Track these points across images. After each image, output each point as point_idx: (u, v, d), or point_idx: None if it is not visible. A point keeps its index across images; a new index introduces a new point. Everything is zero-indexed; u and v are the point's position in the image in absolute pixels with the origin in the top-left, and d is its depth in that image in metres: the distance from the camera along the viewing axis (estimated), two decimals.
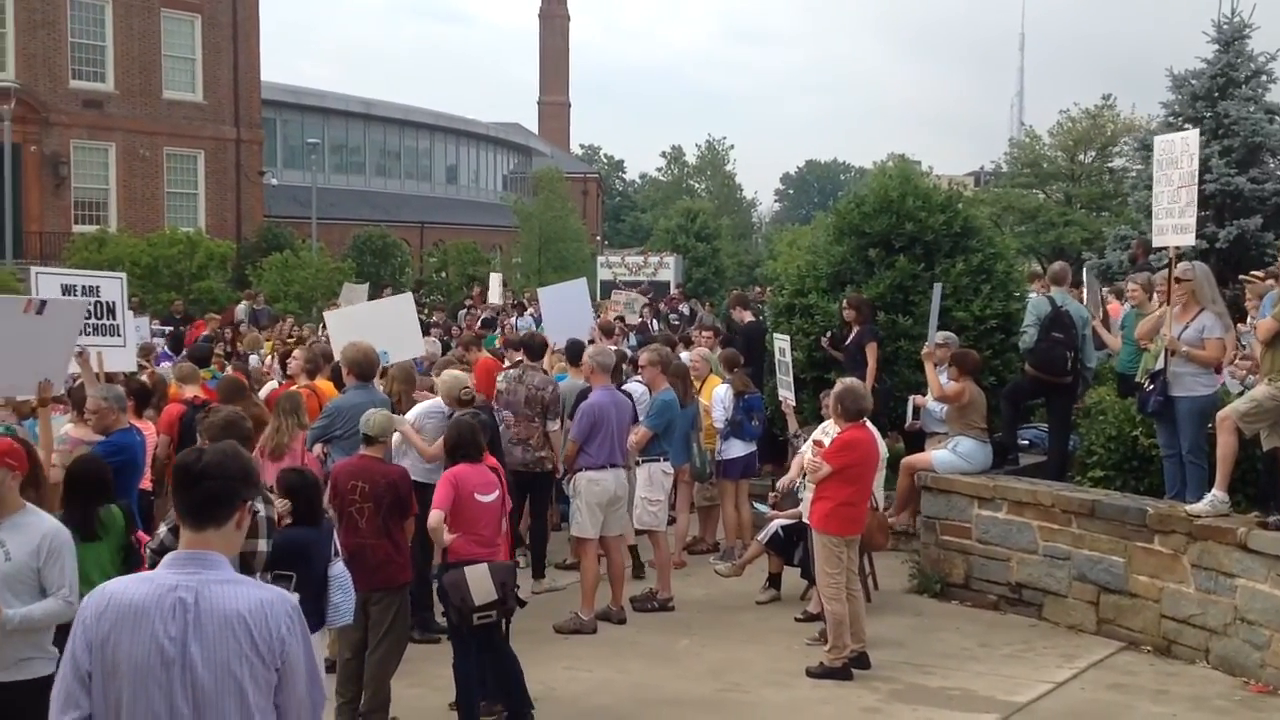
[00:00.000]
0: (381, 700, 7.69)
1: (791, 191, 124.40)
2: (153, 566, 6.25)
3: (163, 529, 6.02)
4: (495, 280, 31.73)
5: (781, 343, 12.19)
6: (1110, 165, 45.72)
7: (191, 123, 39.81)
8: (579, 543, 10.23)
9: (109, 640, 3.49)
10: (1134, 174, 23.74)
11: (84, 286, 10.55)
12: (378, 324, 11.72)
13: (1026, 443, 12.39)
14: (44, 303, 8.34)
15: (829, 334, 12.59)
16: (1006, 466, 11.26)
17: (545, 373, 11.73)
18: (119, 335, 10.60)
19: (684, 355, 12.89)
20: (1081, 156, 46.60)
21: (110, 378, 10.09)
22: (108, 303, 10.58)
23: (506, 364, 13.37)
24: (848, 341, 11.98)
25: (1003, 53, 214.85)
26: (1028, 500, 10.25)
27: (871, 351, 11.89)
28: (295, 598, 3.75)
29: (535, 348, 11.70)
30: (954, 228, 13.14)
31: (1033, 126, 52.21)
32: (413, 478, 8.44)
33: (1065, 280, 11.92)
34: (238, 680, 3.50)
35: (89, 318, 10.07)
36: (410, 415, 9.94)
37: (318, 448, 9.44)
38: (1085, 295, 13.96)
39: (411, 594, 9.78)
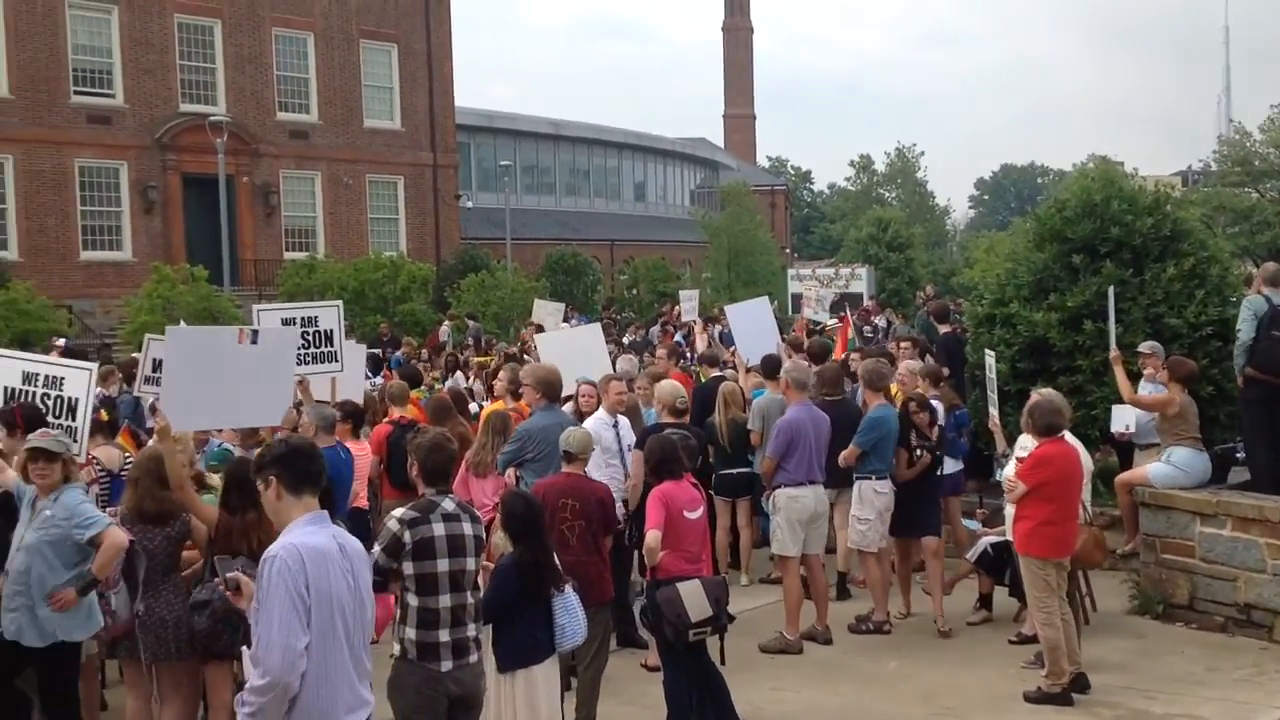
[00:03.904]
0: (593, 716, 7.76)
1: (986, 197, 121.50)
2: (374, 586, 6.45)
3: (376, 548, 6.15)
4: (692, 296, 31.77)
5: (989, 358, 11.83)
6: None
7: (390, 149, 41.16)
8: (781, 561, 10.16)
9: (319, 578, 4.66)
10: None
11: (303, 318, 10.86)
12: (579, 349, 12.03)
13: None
14: (255, 333, 8.67)
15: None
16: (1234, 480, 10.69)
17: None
18: (336, 361, 10.89)
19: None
20: None
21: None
22: (325, 331, 10.87)
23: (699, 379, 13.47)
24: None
25: (1204, 47, 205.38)
26: (1253, 516, 9.74)
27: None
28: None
29: (772, 364, 11.82)
30: (1163, 231, 12.59)
31: (1241, 123, 49.58)
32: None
33: None
34: (370, 595, 4.98)
35: (307, 347, 10.39)
36: (588, 424, 9.93)
37: (510, 471, 9.57)
38: None
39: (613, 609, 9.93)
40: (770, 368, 12.26)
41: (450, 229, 43.15)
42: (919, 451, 10.45)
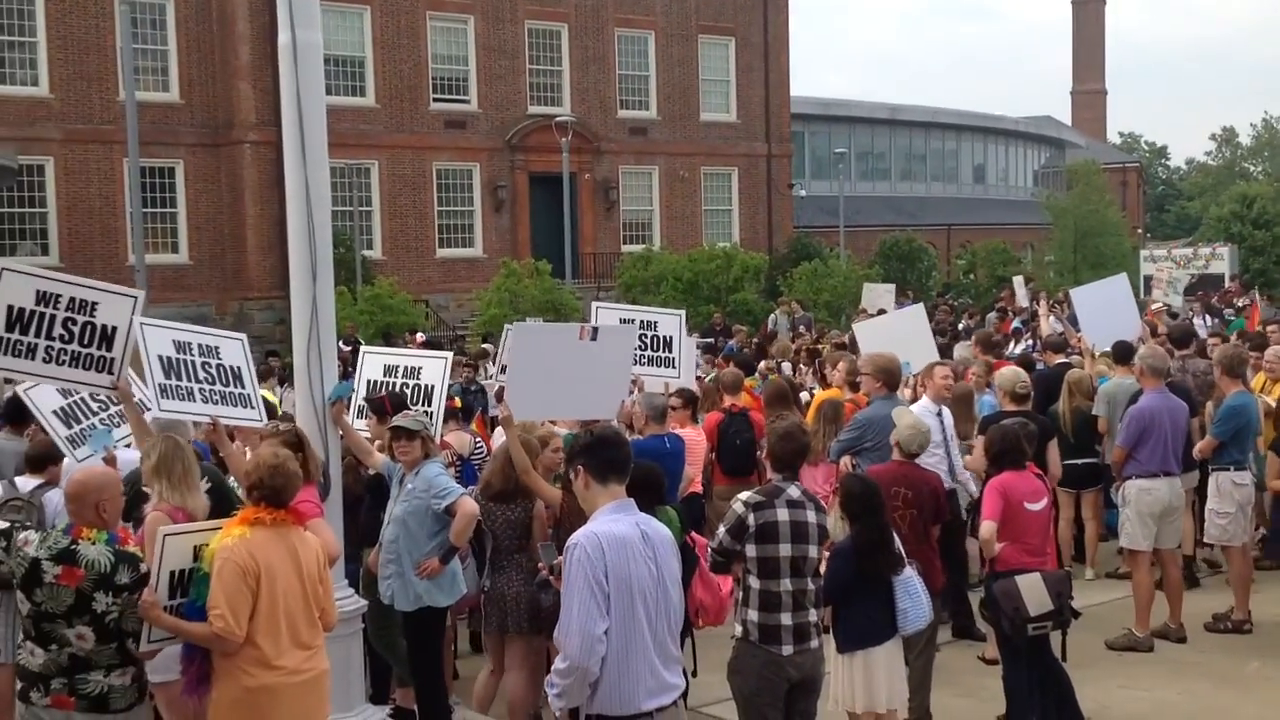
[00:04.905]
0: (926, 707, 7.67)
1: None
2: (714, 567, 6.58)
3: (721, 529, 6.28)
4: (1019, 282, 30.68)
5: None
6: None
7: (726, 142, 41.71)
8: (1130, 555, 9.72)
9: (618, 565, 4.71)
10: None
11: (642, 320, 10.89)
12: (900, 334, 11.75)
13: None
14: (596, 330, 8.98)
15: None
16: None
17: None
18: (674, 368, 10.92)
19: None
20: None
21: None
22: (665, 337, 10.85)
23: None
24: None
25: None
26: None
27: None
28: None
29: (1122, 349, 11.43)
30: None
31: None
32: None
33: None
34: (676, 583, 4.98)
35: (644, 349, 10.56)
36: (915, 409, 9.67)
37: (845, 459, 9.52)
38: None
39: (946, 600, 9.75)
40: (1121, 353, 11.68)
41: (783, 218, 43.31)
42: None
